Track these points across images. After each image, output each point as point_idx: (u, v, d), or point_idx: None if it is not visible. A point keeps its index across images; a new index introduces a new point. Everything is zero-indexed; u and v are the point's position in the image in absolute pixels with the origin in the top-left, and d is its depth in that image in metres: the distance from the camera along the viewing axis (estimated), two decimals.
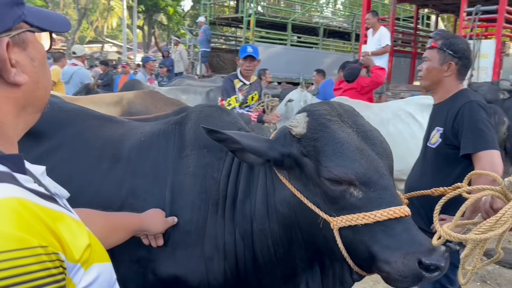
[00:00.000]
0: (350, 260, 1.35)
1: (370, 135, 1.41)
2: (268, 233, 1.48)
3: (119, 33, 37.77)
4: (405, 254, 1.24)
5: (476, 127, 2.12)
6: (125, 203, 1.60)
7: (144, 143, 1.71)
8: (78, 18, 26.28)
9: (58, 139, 1.81)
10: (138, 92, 3.98)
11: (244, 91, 4.35)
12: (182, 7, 34.76)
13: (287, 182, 1.42)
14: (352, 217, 1.29)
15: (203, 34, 13.04)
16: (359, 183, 1.30)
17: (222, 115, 1.72)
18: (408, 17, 14.94)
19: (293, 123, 1.40)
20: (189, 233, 1.53)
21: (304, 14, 17.04)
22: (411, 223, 1.31)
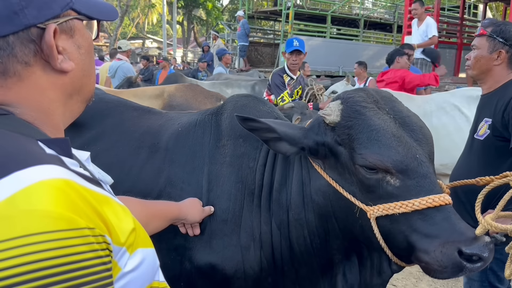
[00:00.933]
0: (388, 250, 1.32)
1: (409, 121, 1.36)
2: (304, 223, 1.47)
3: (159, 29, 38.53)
4: (444, 243, 1.21)
5: None
6: (163, 192, 1.63)
7: (182, 133, 1.73)
8: (120, 14, 26.99)
9: (98, 129, 1.86)
10: (179, 85, 4.03)
11: (292, 85, 4.33)
12: (220, 2, 35.03)
13: (322, 171, 1.41)
14: (390, 206, 1.26)
15: (242, 28, 13.07)
16: (396, 171, 1.27)
17: (259, 104, 1.72)
18: (454, 7, 14.34)
19: (327, 111, 1.37)
20: (226, 222, 1.54)
21: (344, 5, 16.74)
22: (452, 212, 1.27)
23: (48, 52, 0.73)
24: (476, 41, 2.27)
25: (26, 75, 0.73)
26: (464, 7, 12.21)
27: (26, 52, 0.72)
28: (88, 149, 1.73)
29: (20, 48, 0.71)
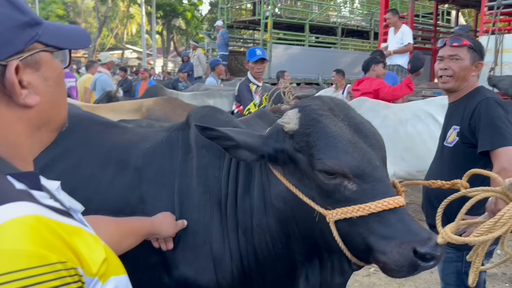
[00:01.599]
0: (348, 252, 1.36)
1: (362, 127, 1.42)
2: (266, 228, 1.51)
3: (138, 39, 38.30)
4: (400, 244, 1.26)
5: (493, 123, 2.08)
6: (135, 209, 1.64)
7: (149, 150, 1.75)
8: (98, 25, 26.83)
9: (63, 145, 1.84)
10: (157, 99, 4.03)
11: (259, 92, 4.46)
12: (200, 12, 35.12)
13: (282, 177, 1.44)
14: (347, 210, 1.30)
15: (221, 37, 13.11)
16: (352, 176, 1.32)
17: (216, 114, 1.76)
18: (428, 14, 14.68)
19: (285, 120, 1.42)
20: (197, 233, 1.57)
21: (322, 14, 16.97)
22: (406, 213, 1.32)
23: (11, 89, 0.73)
24: (459, 51, 2.26)
25: None
26: (437, 14, 12.52)
27: None
28: (54, 166, 1.79)
29: None
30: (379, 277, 3.92)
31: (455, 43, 2.27)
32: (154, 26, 29.66)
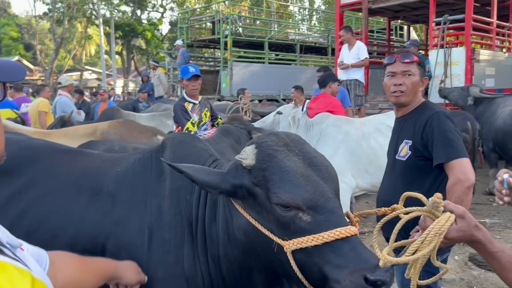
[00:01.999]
0: (306, 281, 1.41)
1: (316, 161, 1.49)
2: (232, 258, 1.57)
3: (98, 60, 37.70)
4: (352, 272, 1.31)
5: (446, 137, 2.17)
6: (110, 233, 1.68)
7: (121, 173, 1.80)
8: (55, 47, 26.17)
9: (28, 176, 1.84)
10: (112, 122, 3.96)
11: (197, 110, 4.37)
12: (160, 31, 34.98)
13: (242, 210, 1.50)
14: (303, 240, 1.36)
15: (181, 57, 13.09)
16: (306, 208, 1.38)
17: (195, 141, 1.84)
18: (382, 29, 15.25)
19: (243, 156, 1.49)
20: (168, 253, 1.63)
21: (280, 32, 17.29)
22: (358, 242, 1.38)
23: None
24: (411, 68, 2.32)
25: None
26: (390, 29, 13.03)
27: None
28: (20, 197, 1.78)
29: None
30: None
31: (407, 60, 2.33)
32: (113, 46, 29.31)
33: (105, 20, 28.59)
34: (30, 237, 1.58)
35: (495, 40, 8.94)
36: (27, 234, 1.66)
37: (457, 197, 2.07)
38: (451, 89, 7.28)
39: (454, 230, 1.16)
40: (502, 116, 6.10)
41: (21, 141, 2.02)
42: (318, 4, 34.03)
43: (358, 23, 16.68)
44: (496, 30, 8.83)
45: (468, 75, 7.74)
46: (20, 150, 1.95)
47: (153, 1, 32.84)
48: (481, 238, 1.19)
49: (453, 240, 1.19)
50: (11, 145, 1.95)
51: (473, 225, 1.19)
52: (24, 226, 1.75)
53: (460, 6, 9.07)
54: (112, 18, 28.58)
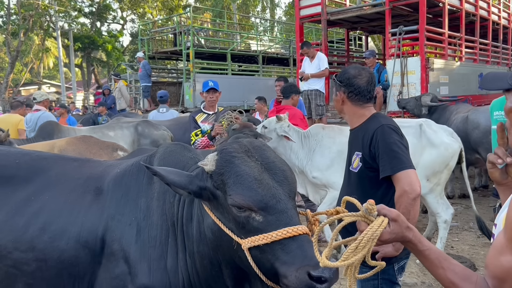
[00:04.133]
0: (263, 276, 1.55)
1: (273, 166, 1.64)
2: (204, 254, 1.73)
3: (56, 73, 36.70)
4: (298, 268, 1.44)
5: (390, 149, 2.22)
6: (106, 227, 1.89)
7: (119, 174, 2.03)
8: (10, 61, 25.28)
9: (43, 182, 2.11)
10: (71, 139, 3.86)
11: (210, 120, 4.75)
12: (121, 43, 34.48)
13: (209, 211, 1.66)
14: (255, 238, 1.50)
15: (143, 69, 12.96)
16: (257, 209, 1.52)
17: (184, 151, 2.03)
18: (342, 39, 15.64)
19: (204, 162, 1.65)
20: (154, 248, 1.81)
21: (243, 43, 17.42)
22: (306, 240, 1.50)
23: None
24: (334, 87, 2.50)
25: None
26: (349, 39, 13.37)
27: None
28: (35, 198, 2.06)
29: None
30: None
31: None
32: (73, 59, 28.62)
33: (63, 32, 27.88)
34: (44, 232, 1.97)
35: (448, 50, 9.34)
36: (41, 230, 1.97)
37: (404, 208, 2.12)
38: (407, 99, 7.55)
39: (387, 233, 1.25)
40: (455, 123, 6.37)
41: (31, 153, 2.34)
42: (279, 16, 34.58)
43: (318, 34, 17.05)
44: (448, 40, 9.23)
45: (424, 83, 8.04)
46: (33, 160, 2.24)
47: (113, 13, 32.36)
48: (411, 238, 1.27)
49: (386, 241, 1.27)
50: (24, 157, 2.28)
51: (405, 226, 1.27)
52: (40, 222, 1.99)
53: (414, 18, 9.46)
54: (70, 30, 27.91)
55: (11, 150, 2.40)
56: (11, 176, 2.16)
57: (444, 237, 4.59)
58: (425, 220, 5.50)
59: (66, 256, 1.91)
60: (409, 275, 4.22)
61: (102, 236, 1.90)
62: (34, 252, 1.96)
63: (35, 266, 1.95)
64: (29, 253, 1.96)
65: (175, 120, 7.39)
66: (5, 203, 2.09)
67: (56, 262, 1.93)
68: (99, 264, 1.89)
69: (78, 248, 1.91)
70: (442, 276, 1.25)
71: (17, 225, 2.02)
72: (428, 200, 4.61)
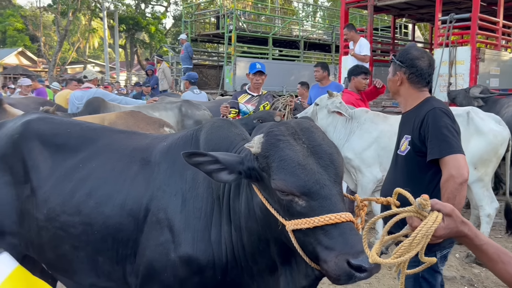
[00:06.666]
0: (306, 257, 1.56)
1: (319, 149, 1.60)
2: (252, 230, 1.76)
3: (101, 53, 37.70)
4: (337, 255, 1.44)
5: (440, 132, 2.17)
6: (152, 196, 1.95)
7: (166, 146, 2.08)
8: (58, 39, 26.18)
9: (91, 150, 2.21)
10: (120, 113, 3.98)
11: (254, 101, 4.86)
12: (163, 25, 34.94)
13: (257, 190, 1.68)
14: (298, 222, 1.51)
15: (185, 51, 13.08)
16: (300, 194, 1.52)
17: (231, 127, 2.03)
18: (387, 27, 15.21)
19: (251, 144, 1.66)
20: (199, 219, 1.86)
21: (284, 28, 17.25)
22: (349, 228, 1.49)
23: None
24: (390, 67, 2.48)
25: None
26: (395, 27, 12.98)
27: None
28: (84, 167, 2.16)
29: None
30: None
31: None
32: (117, 39, 29.31)
33: (109, 13, 28.53)
34: (90, 198, 2.07)
35: (501, 40, 8.91)
36: (88, 195, 2.07)
37: (450, 193, 2.08)
38: (457, 91, 7.28)
39: (441, 228, 1.20)
40: (506, 116, 6.10)
41: (82, 124, 2.44)
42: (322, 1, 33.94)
43: (363, 21, 16.64)
44: (502, 30, 8.79)
45: (473, 74, 7.71)
46: (83, 130, 2.35)
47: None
48: (467, 233, 1.23)
49: (441, 237, 1.22)
50: (75, 127, 2.38)
51: (460, 221, 1.23)
52: (86, 188, 2.09)
53: (466, 5, 9.03)
54: (116, 11, 28.52)
55: (64, 120, 2.51)
56: (62, 144, 2.27)
57: (486, 232, 4.44)
58: (466, 215, 5.34)
59: (111, 222, 2.00)
60: (448, 268, 4.13)
61: (147, 205, 1.95)
62: (80, 216, 2.06)
63: (81, 229, 2.05)
64: (76, 216, 2.07)
65: (216, 102, 7.46)
66: (56, 169, 2.21)
67: (101, 227, 2.02)
68: (141, 232, 1.95)
69: (123, 215, 1.98)
70: (502, 271, 1.19)
71: (65, 189, 2.13)
72: (474, 190, 4.47)
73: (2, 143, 2.33)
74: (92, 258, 2.08)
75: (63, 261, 2.16)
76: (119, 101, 5.91)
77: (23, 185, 2.23)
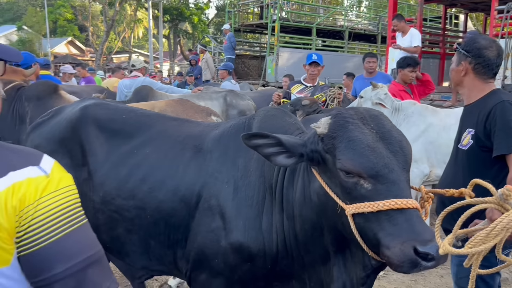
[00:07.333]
0: (364, 244, 1.52)
1: (388, 135, 1.57)
2: (305, 218, 1.74)
3: (145, 43, 38.52)
4: (403, 242, 1.38)
5: (509, 127, 2.05)
6: (204, 183, 1.96)
7: (218, 134, 2.09)
8: (105, 29, 26.97)
9: (145, 137, 2.25)
10: (169, 101, 4.04)
11: (307, 92, 4.89)
12: (206, 16, 35.23)
13: (317, 174, 1.65)
14: (360, 205, 1.47)
15: (228, 41, 13.15)
16: (367, 176, 1.48)
17: (285, 116, 2.02)
18: (435, 17, 14.64)
19: (317, 124, 1.62)
20: (251, 207, 1.86)
21: (328, 18, 16.97)
22: (415, 215, 1.43)
23: None
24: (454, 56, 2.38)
25: None
26: (446, 17, 12.47)
27: None
28: (137, 153, 2.21)
29: None
30: (389, 280, 3.90)
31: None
32: (161, 30, 29.83)
33: (154, 3, 29.05)
34: (144, 183, 2.10)
35: None
36: (141, 181, 2.11)
37: None
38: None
39: None
40: None
41: (137, 110, 2.49)
42: None
43: (410, 11, 16.09)
44: None
45: None
46: (138, 116, 2.40)
47: None
48: None
49: None
50: (130, 113, 2.43)
51: None
52: (140, 174, 2.13)
53: None
54: (161, 2, 29.00)
55: (119, 106, 2.55)
56: (118, 129, 2.33)
57: None
58: None
59: (163, 207, 2.03)
60: None
61: (199, 192, 1.97)
62: (134, 200, 2.11)
63: (135, 213, 2.10)
64: (130, 200, 2.12)
65: (260, 92, 7.44)
66: (111, 153, 2.27)
67: (154, 212, 2.06)
68: (193, 217, 1.97)
69: (175, 201, 2.01)
70: None
71: (120, 174, 2.18)
72: None
73: (61, 127, 2.41)
74: (144, 242, 2.12)
75: (116, 243, 2.22)
76: (166, 90, 6.01)
77: (80, 168, 2.30)
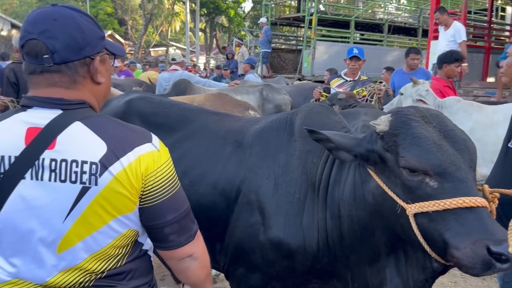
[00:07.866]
0: (427, 246, 1.44)
1: (452, 134, 1.51)
2: (355, 219, 1.68)
3: (182, 37, 39.03)
4: (475, 241, 1.30)
5: None
6: (244, 178, 1.96)
7: (259, 129, 2.09)
8: (144, 23, 27.50)
9: (187, 130, 2.29)
10: (208, 95, 4.08)
11: (346, 86, 4.82)
12: (243, 9, 35.27)
13: (374, 174, 1.59)
14: (424, 204, 1.40)
15: (264, 35, 13.12)
16: (434, 173, 1.41)
17: (330, 114, 1.99)
18: (480, 10, 14.06)
19: (377, 122, 1.56)
20: (292, 204, 1.83)
21: (367, 10, 16.62)
22: (485, 214, 1.36)
23: (93, 72, 1.27)
24: (509, 48, 2.26)
25: (84, 83, 1.26)
26: (492, 9, 11.94)
27: (83, 71, 1.25)
28: (180, 146, 2.23)
29: (81, 68, 1.24)
30: None
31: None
32: (198, 23, 30.08)
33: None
34: (185, 176, 2.10)
35: None
36: (183, 174, 2.08)
37: None
38: None
39: None
40: None
41: (179, 104, 2.55)
42: None
43: (453, 3, 15.52)
44: None
45: None
46: (180, 110, 2.45)
47: None
48: None
49: None
50: (172, 107, 2.47)
51: None
52: (182, 167, 2.12)
53: None
54: None
55: (162, 100, 2.60)
56: (161, 123, 2.37)
57: None
58: None
59: (204, 201, 2.05)
60: None
61: (239, 186, 1.97)
62: None
63: None
64: None
65: (296, 86, 7.39)
66: None
67: (194, 205, 2.06)
68: (232, 212, 1.98)
69: (215, 194, 2.02)
70: None
71: None
72: None
73: None
74: None
75: None
76: (203, 83, 6.08)
77: None
